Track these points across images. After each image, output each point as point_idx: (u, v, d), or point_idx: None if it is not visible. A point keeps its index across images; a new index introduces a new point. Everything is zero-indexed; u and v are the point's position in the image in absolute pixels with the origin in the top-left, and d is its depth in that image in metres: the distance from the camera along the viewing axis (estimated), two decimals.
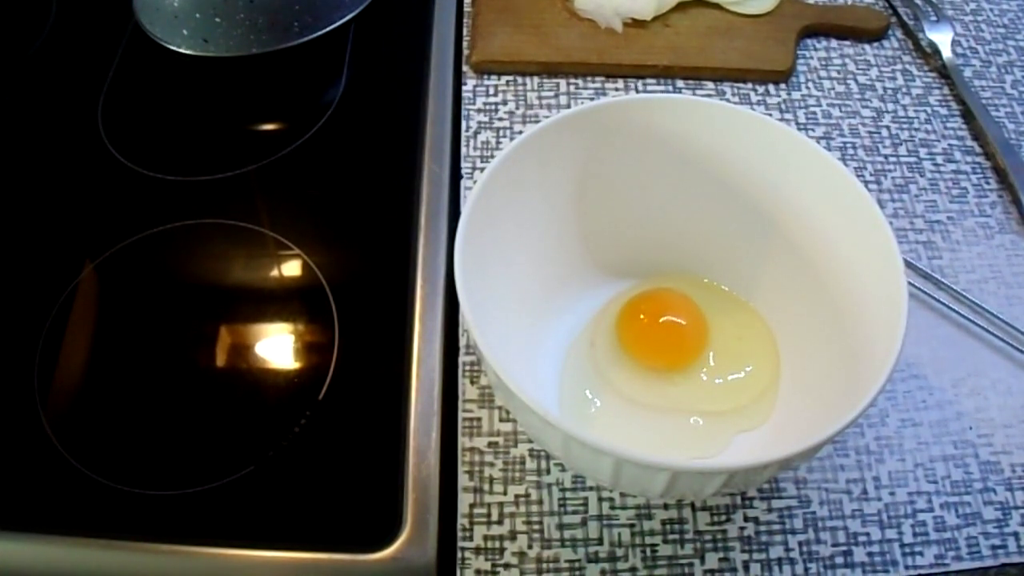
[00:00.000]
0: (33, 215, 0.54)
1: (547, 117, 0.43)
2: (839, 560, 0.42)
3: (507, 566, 0.41)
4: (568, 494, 0.43)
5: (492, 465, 0.44)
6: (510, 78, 0.60)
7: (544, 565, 0.41)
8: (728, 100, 0.59)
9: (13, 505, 0.43)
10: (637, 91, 0.60)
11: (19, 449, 0.44)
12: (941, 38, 0.63)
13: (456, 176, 0.55)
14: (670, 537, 0.42)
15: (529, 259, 0.45)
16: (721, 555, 0.42)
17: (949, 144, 0.58)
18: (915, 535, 0.43)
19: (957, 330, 0.49)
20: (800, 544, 0.42)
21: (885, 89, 0.61)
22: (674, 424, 0.43)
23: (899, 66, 0.63)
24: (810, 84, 0.61)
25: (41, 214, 0.54)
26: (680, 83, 0.60)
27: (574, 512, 0.43)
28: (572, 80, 0.60)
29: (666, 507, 0.43)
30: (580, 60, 0.60)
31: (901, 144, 0.58)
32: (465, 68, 0.61)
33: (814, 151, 0.41)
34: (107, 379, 0.47)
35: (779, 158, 0.43)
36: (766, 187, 0.44)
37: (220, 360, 0.48)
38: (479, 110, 0.58)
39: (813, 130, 0.58)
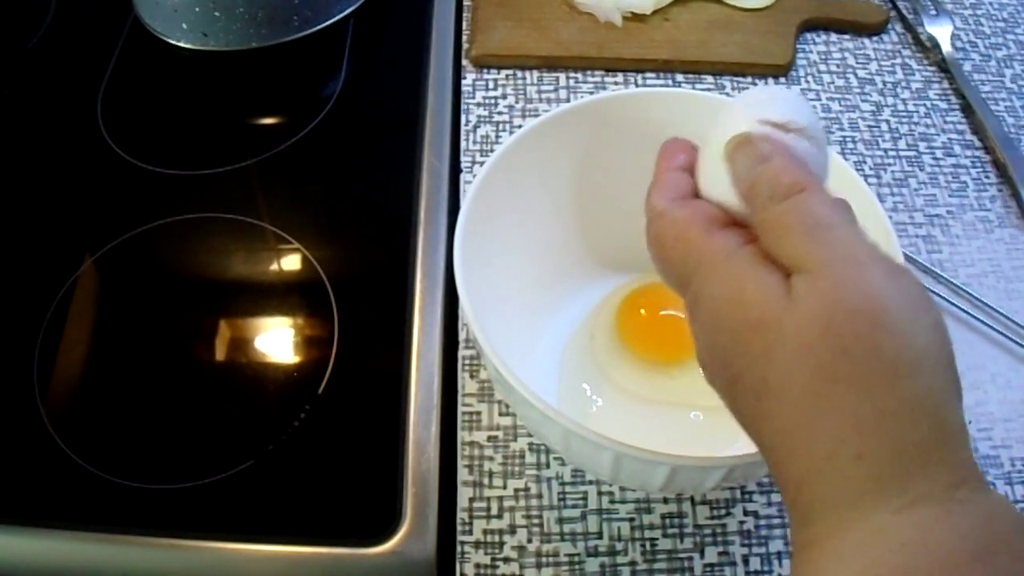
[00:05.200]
0: (33, 210, 0.54)
1: (547, 111, 0.43)
2: None
3: (507, 560, 0.41)
4: (568, 488, 0.43)
5: (492, 459, 0.44)
6: (510, 72, 0.60)
7: (543, 559, 0.41)
8: (728, 94, 0.59)
9: (12, 499, 0.43)
10: (637, 85, 0.60)
11: (18, 443, 0.44)
12: (941, 32, 0.63)
13: (456, 170, 0.55)
14: (670, 531, 0.42)
15: (529, 253, 0.45)
16: (721, 549, 0.42)
17: (949, 138, 0.58)
18: None
19: (956, 324, 0.49)
20: None
21: (884, 83, 0.61)
22: (674, 418, 0.43)
23: (899, 60, 0.63)
24: (809, 78, 0.61)
25: (41, 209, 0.54)
26: (680, 77, 0.60)
27: (574, 506, 0.43)
28: (572, 74, 0.60)
29: (666, 501, 0.43)
30: (580, 54, 0.60)
31: (901, 138, 0.58)
32: (465, 62, 0.61)
33: None
34: (106, 373, 0.47)
35: None
36: None
37: (220, 354, 0.48)
38: (479, 104, 0.58)
39: None
